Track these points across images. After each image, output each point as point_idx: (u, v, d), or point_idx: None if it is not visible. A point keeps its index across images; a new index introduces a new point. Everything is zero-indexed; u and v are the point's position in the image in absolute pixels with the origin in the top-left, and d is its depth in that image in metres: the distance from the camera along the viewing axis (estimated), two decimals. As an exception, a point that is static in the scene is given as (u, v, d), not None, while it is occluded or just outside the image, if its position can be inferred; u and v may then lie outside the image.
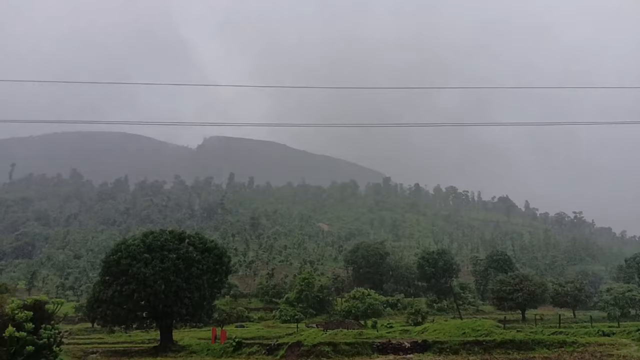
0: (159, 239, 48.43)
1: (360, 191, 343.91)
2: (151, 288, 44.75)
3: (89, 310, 49.21)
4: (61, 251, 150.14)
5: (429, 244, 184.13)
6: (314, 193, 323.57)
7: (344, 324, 64.69)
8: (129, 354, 44.35)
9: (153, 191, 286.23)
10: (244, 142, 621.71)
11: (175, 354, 42.92)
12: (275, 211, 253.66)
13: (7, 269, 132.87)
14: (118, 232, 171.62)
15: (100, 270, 53.15)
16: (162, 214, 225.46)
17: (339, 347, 37.24)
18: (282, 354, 37.90)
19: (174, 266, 46.02)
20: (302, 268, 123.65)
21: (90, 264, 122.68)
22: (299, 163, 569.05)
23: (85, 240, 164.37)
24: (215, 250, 51.04)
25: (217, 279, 50.98)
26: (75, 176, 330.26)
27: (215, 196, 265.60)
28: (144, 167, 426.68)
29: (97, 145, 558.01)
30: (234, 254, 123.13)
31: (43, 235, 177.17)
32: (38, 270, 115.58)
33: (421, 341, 38.53)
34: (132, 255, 46.06)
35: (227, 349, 41.38)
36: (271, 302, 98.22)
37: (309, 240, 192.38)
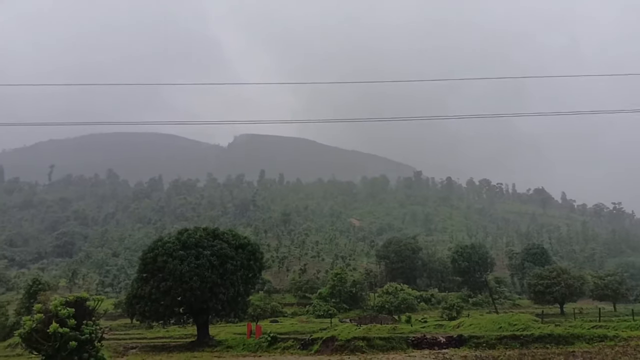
0: (194, 236, 49.21)
1: (391, 186, 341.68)
2: (187, 284, 45.51)
3: (128, 306, 50.37)
4: (100, 249, 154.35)
5: (463, 238, 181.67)
6: (344, 189, 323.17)
7: (378, 318, 64.58)
8: (167, 349, 45.33)
9: (187, 189, 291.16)
10: (273, 139, 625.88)
11: (212, 349, 43.64)
12: (306, 207, 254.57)
13: (49, 268, 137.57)
14: (154, 230, 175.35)
15: (137, 267, 54.41)
16: (195, 211, 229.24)
17: (373, 341, 37.19)
18: (317, 349, 38.11)
19: (209, 263, 46.68)
20: (334, 263, 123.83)
21: (128, 261, 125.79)
22: (328, 159, 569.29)
23: (123, 238, 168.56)
24: (248, 247, 51.56)
25: (251, 275, 51.50)
26: (112, 176, 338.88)
27: (247, 193, 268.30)
28: (177, 166, 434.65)
29: (131, 146, 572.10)
30: (267, 250, 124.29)
31: (82, 234, 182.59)
32: (78, 269, 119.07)
33: (457, 336, 38.12)
34: (168, 253, 46.92)
35: (262, 344, 41.82)
36: (304, 298, 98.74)
37: (340, 235, 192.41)
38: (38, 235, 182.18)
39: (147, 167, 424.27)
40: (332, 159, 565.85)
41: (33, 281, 68.17)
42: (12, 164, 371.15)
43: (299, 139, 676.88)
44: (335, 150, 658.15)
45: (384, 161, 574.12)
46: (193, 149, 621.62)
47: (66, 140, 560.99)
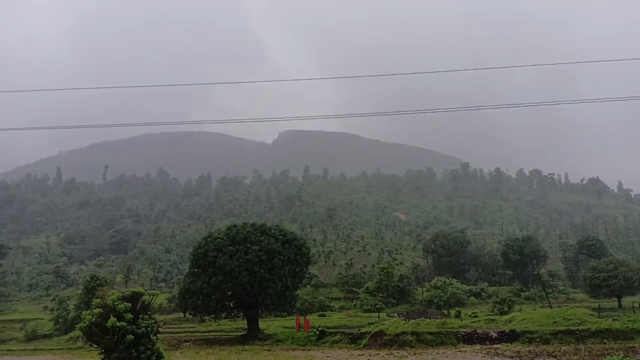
0: (242, 231, 50.20)
1: (437, 178, 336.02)
2: (236, 279, 46.50)
3: (181, 300, 51.91)
4: (153, 246, 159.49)
5: (513, 231, 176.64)
6: (388, 182, 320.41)
7: (426, 313, 63.85)
8: (219, 342, 46.53)
9: (234, 186, 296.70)
10: (317, 134, 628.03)
11: (262, 342, 44.44)
12: (350, 202, 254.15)
13: (106, 264, 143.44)
14: (203, 227, 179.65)
15: (189, 262, 56.04)
16: (243, 207, 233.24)
17: (423, 336, 36.90)
18: (365, 343, 38.18)
19: (257, 258, 47.52)
20: (380, 258, 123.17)
21: (180, 257, 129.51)
22: (372, 152, 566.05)
23: (174, 234, 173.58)
24: (295, 242, 52.13)
25: (298, 269, 52.07)
26: (163, 175, 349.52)
27: (292, 189, 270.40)
28: (224, 163, 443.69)
29: (181, 145, 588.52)
30: (313, 244, 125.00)
31: (136, 231, 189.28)
32: (133, 264, 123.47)
33: (509, 331, 37.32)
34: (218, 248, 48.09)
35: (311, 338, 42.27)
36: (351, 292, 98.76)
37: (386, 229, 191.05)
38: (95, 233, 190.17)
39: (195, 165, 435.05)
40: (376, 153, 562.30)
41: (91, 277, 70.96)
42: (69, 165, 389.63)
43: (342, 133, 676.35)
44: (379, 144, 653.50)
45: (429, 153, 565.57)
46: (239, 147, 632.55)
47: (119, 141, 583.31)
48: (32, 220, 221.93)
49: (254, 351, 38.81)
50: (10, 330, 72.09)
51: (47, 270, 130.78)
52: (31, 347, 55.18)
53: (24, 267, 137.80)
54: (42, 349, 51.47)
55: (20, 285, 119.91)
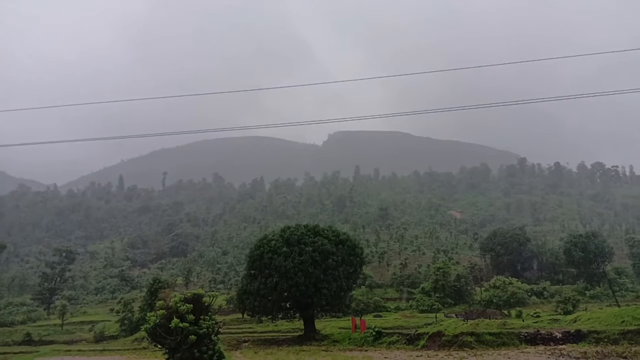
0: (296, 233, 50.74)
1: (493, 175, 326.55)
2: (292, 280, 47.03)
3: (239, 302, 53.01)
4: (211, 248, 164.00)
5: (576, 227, 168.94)
6: (442, 180, 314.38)
7: (486, 313, 62.20)
8: (277, 342, 47.19)
9: (286, 188, 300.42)
10: (366, 134, 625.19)
11: (319, 342, 44.69)
12: (403, 201, 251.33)
13: (167, 267, 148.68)
14: (258, 229, 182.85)
15: (245, 264, 57.19)
16: (295, 209, 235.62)
17: (483, 337, 36.02)
18: (423, 344, 37.68)
19: (311, 259, 47.89)
20: (435, 257, 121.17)
21: (237, 259, 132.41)
22: (424, 150, 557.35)
23: (231, 237, 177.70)
24: (348, 242, 52.17)
25: (352, 270, 52.04)
26: (218, 180, 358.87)
27: (343, 190, 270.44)
28: (276, 166, 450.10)
29: (234, 150, 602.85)
30: (366, 245, 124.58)
31: (194, 234, 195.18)
32: (192, 267, 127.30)
33: (574, 331, 35.79)
34: (273, 250, 48.82)
35: (367, 338, 42.14)
36: (406, 292, 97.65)
37: (441, 228, 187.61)
38: (156, 237, 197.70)
39: (249, 169, 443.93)
40: (428, 151, 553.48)
41: (154, 280, 73.66)
42: (130, 172, 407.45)
43: (392, 132, 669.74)
44: (430, 142, 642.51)
45: (484, 149, 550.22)
46: (290, 150, 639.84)
47: (176, 148, 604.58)
48: (97, 226, 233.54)
49: (312, 351, 39.10)
50: (80, 332, 76.11)
51: (112, 274, 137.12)
52: (100, 347, 57.90)
53: (91, 272, 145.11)
54: (110, 350, 53.87)
55: (88, 288, 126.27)
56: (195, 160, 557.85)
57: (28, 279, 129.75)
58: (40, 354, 45.80)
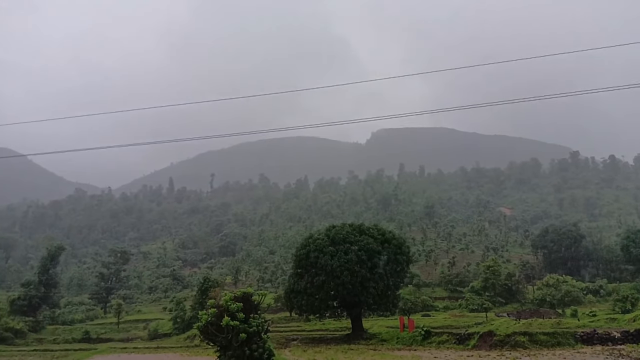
0: (341, 232, 50.83)
1: (544, 169, 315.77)
2: (338, 279, 47.14)
3: (286, 300, 53.64)
4: (258, 248, 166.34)
5: (634, 222, 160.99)
6: (490, 176, 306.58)
7: (539, 313, 60.37)
8: (325, 341, 47.44)
9: (330, 188, 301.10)
10: (410, 131, 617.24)
11: (367, 341, 44.62)
12: (449, 198, 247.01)
13: (216, 266, 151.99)
14: (304, 228, 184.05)
15: (292, 263, 57.78)
16: (340, 208, 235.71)
17: (536, 337, 35.00)
18: (474, 344, 36.98)
19: (357, 257, 47.84)
20: (485, 255, 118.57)
21: (283, 258, 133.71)
22: (470, 146, 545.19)
23: (277, 236, 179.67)
24: (394, 241, 51.81)
25: (399, 269, 51.67)
26: (263, 180, 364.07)
27: (388, 188, 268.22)
28: (320, 166, 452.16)
29: (278, 151, 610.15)
30: (412, 243, 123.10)
31: (242, 234, 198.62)
32: (241, 266, 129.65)
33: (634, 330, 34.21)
34: (319, 249, 49.08)
35: (416, 338, 41.75)
36: (455, 291, 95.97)
37: (490, 226, 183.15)
38: (205, 237, 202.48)
39: (293, 169, 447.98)
40: (474, 146, 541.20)
41: (204, 279, 75.60)
42: (179, 175, 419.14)
43: (437, 128, 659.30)
44: (477, 137, 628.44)
45: (533, 143, 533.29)
46: (333, 149, 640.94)
47: (222, 150, 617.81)
48: (149, 227, 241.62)
49: (360, 350, 39.07)
50: (135, 330, 78.97)
51: (164, 274, 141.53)
52: (154, 345, 59.87)
53: (145, 271, 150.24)
54: (164, 347, 55.58)
55: (142, 288, 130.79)
56: (241, 161, 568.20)
57: (86, 279, 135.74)
58: (98, 352, 47.84)
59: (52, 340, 72.87)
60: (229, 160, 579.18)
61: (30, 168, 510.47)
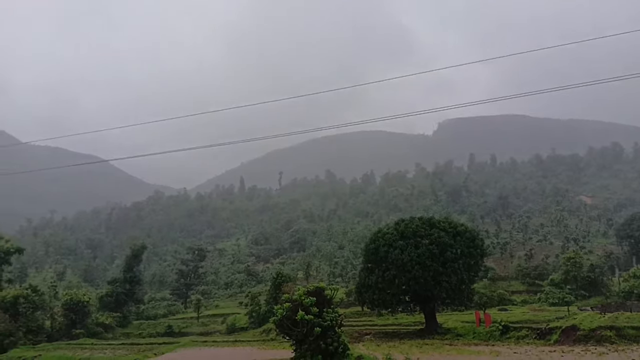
0: (410, 226, 50.31)
1: (627, 154, 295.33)
2: (410, 273, 46.72)
3: (357, 295, 53.86)
4: (327, 243, 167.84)
5: None
6: (568, 163, 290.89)
7: (626, 306, 56.64)
8: (398, 336, 47.28)
9: (397, 181, 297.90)
10: (478, 120, 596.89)
11: (442, 336, 43.99)
12: (524, 188, 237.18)
13: (288, 262, 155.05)
14: (372, 223, 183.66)
15: (362, 258, 57.92)
16: (408, 202, 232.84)
17: (624, 331, 33.09)
18: (556, 339, 35.53)
19: (428, 251, 47.18)
20: (564, 247, 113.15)
21: (353, 253, 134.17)
22: (544, 132, 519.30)
23: (345, 232, 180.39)
24: (466, 234, 50.61)
25: (473, 262, 50.42)
26: (330, 176, 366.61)
27: (458, 179, 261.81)
28: (386, 159, 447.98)
29: (343, 146, 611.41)
30: (486, 236, 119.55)
31: (311, 230, 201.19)
32: (311, 261, 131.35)
33: None
34: (389, 243, 48.86)
35: (493, 333, 40.69)
36: (533, 285, 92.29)
37: (569, 215, 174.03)
38: (276, 233, 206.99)
39: (359, 164, 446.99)
40: (548, 132, 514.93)
41: (277, 274, 77.39)
42: (249, 173, 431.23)
43: (507, 115, 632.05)
44: (551, 122, 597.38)
45: (613, 127, 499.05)
46: (399, 142, 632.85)
47: (289, 148, 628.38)
48: (223, 225, 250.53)
49: (435, 345, 38.59)
50: (213, 324, 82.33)
51: (239, 270, 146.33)
52: (232, 339, 62.12)
53: (220, 268, 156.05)
54: (241, 341, 57.58)
55: (219, 283, 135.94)
56: (308, 158, 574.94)
57: (166, 275, 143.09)
58: (181, 345, 50.31)
59: (138, 334, 77.62)
60: (296, 158, 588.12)
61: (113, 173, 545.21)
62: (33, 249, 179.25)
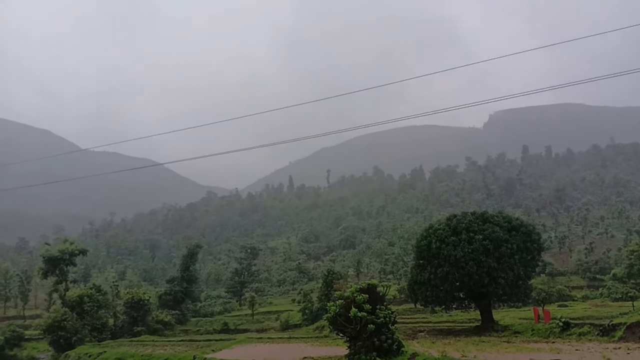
0: (463, 221, 49.40)
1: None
2: (463, 269, 45.94)
3: (410, 292, 53.43)
4: (377, 240, 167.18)
5: None
6: (628, 153, 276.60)
7: (699, 302, 53.54)
8: (454, 333, 46.65)
9: (447, 176, 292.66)
10: (532, 110, 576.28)
11: (499, 333, 43.07)
12: (582, 179, 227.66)
13: (338, 259, 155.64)
14: (422, 219, 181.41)
15: (413, 254, 57.41)
16: (459, 197, 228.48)
17: (696, 328, 31.32)
18: (620, 335, 34.05)
19: (482, 247, 46.22)
20: (627, 239, 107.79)
21: (403, 249, 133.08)
22: (602, 121, 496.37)
23: (395, 228, 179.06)
24: (522, 228, 49.20)
25: (529, 257, 48.97)
26: (378, 173, 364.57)
27: (511, 172, 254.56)
28: (435, 154, 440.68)
29: (390, 142, 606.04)
30: (542, 230, 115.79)
31: (360, 227, 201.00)
32: (361, 258, 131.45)
33: None
34: (441, 239, 48.20)
35: (553, 330, 39.44)
36: (594, 280, 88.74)
37: (632, 207, 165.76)
38: (325, 231, 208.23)
39: (407, 160, 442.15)
40: (607, 121, 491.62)
41: (328, 271, 77.95)
42: (298, 173, 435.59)
43: (561, 104, 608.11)
44: (609, 110, 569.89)
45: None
46: (447, 136, 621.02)
47: (336, 146, 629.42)
48: (274, 224, 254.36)
49: (492, 342, 37.74)
50: (268, 321, 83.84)
51: (290, 267, 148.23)
52: (286, 335, 63.04)
53: (273, 265, 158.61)
54: (295, 337, 58.29)
55: (271, 281, 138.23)
56: (355, 156, 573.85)
57: (221, 274, 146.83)
58: (237, 342, 51.45)
59: (195, 331, 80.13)
60: (343, 155, 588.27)
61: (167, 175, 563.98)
62: (95, 250, 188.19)
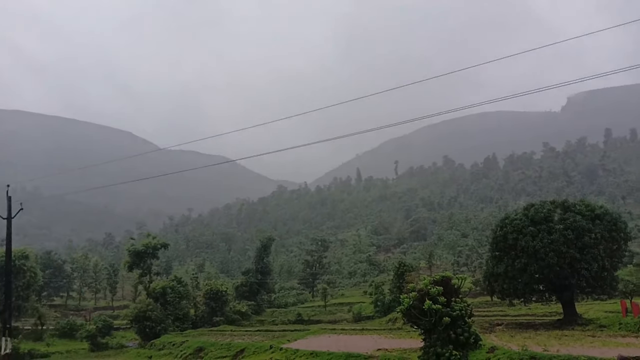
0: (541, 210, 47.27)
1: None
2: (542, 260, 44.08)
3: (486, 284, 51.98)
4: (449, 231, 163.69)
5: None
6: None
7: None
8: (533, 326, 44.98)
9: (523, 163, 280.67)
10: (613, 91, 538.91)
11: (583, 327, 41.05)
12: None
13: (409, 251, 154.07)
14: (497, 209, 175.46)
15: (488, 246, 55.73)
16: (536, 185, 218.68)
17: None
18: None
19: (563, 237, 44.05)
20: None
21: (477, 241, 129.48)
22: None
23: (468, 219, 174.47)
24: (606, 217, 46.32)
25: (615, 247, 46.07)
26: (448, 162, 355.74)
27: (593, 158, 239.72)
28: (509, 141, 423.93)
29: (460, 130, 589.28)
30: (629, 218, 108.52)
31: (431, 218, 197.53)
32: (433, 250, 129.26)
33: None
34: (518, 230, 46.44)
35: (644, 324, 36.99)
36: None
37: None
38: (395, 223, 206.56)
39: (479, 148, 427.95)
40: None
41: (399, 264, 77.38)
42: (365, 165, 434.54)
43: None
44: None
45: None
46: (522, 121, 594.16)
47: (403, 137, 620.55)
48: (343, 216, 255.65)
49: (575, 337, 35.98)
50: (340, 312, 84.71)
51: (361, 259, 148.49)
52: (359, 327, 63.37)
53: (343, 257, 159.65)
54: (368, 329, 58.48)
55: (342, 273, 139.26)
56: (423, 146, 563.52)
57: (293, 266, 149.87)
58: (311, 332, 52.42)
59: (271, 321, 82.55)
60: (410, 146, 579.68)
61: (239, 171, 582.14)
62: (175, 244, 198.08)
